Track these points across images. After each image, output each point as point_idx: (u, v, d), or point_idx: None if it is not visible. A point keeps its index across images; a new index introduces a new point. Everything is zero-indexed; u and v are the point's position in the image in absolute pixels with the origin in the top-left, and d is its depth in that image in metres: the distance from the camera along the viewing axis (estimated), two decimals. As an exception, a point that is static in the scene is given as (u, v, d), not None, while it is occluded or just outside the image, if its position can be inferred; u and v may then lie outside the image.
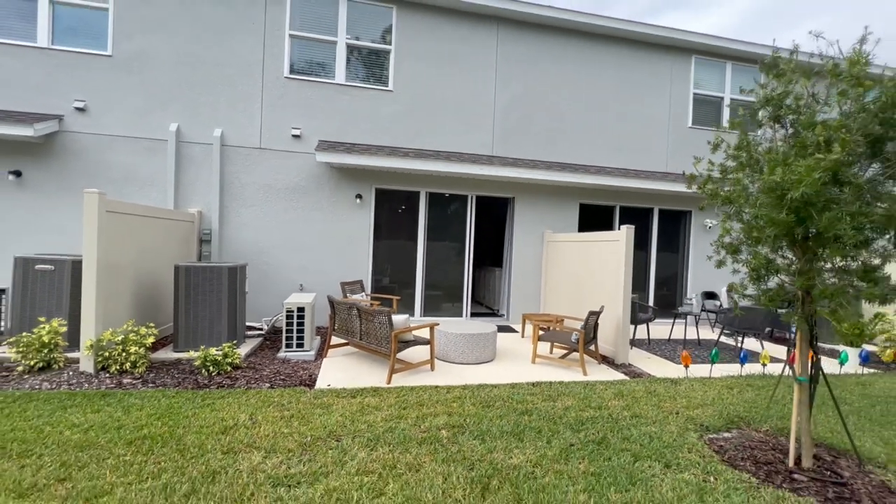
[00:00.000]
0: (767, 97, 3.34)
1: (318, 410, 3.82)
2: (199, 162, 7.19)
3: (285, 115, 7.49)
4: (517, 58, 8.45)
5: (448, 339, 5.63)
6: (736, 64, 9.38)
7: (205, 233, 7.19)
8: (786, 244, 3.30)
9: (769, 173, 3.05)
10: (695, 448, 3.44)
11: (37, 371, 4.47)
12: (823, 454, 3.47)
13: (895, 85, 2.88)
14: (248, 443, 3.18)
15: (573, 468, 3.03)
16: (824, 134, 2.88)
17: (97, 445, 3.04)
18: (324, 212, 7.64)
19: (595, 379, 5.17)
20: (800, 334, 3.42)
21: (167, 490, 2.55)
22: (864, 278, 3.15)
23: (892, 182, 3.14)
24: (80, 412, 3.56)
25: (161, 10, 7.02)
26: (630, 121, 9.04)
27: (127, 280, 5.27)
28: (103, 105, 6.87)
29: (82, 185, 6.66)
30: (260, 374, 4.80)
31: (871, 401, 4.72)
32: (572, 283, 7.34)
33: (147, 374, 4.59)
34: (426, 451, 3.18)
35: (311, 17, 7.60)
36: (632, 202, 8.95)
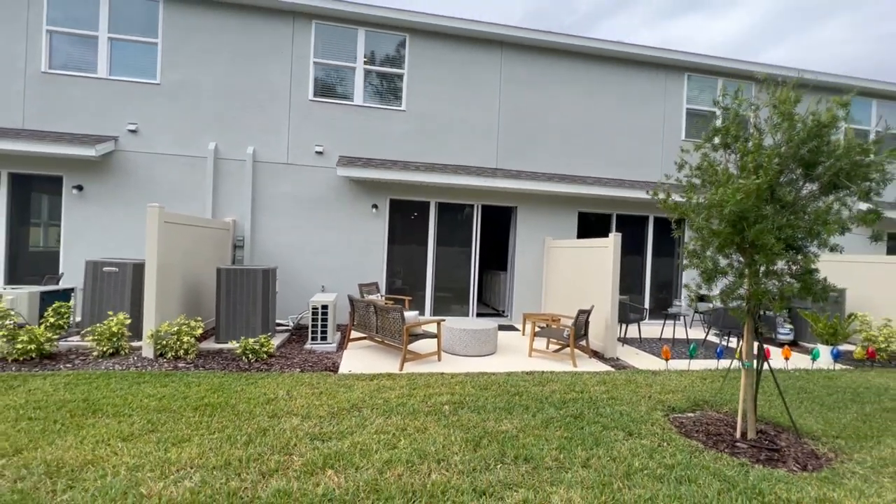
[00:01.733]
0: (716, 128, 4.01)
1: (342, 389, 4.58)
2: (233, 176, 8.09)
3: (309, 134, 8.36)
4: (519, 78, 9.19)
5: (453, 333, 6.36)
6: (727, 80, 9.96)
7: (238, 239, 8.07)
8: (735, 250, 3.95)
9: (713, 192, 3.72)
10: (657, 423, 4.09)
11: (108, 356, 5.34)
12: (770, 430, 4.08)
13: (814, 120, 3.53)
14: (287, 411, 3.95)
15: (551, 434, 3.72)
16: (755, 161, 3.55)
17: (170, 410, 3.85)
18: (343, 220, 8.46)
19: (583, 370, 5.83)
20: (747, 326, 4.04)
21: (231, 440, 3.33)
22: (799, 280, 3.78)
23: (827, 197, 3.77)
24: (152, 386, 4.38)
25: (202, 44, 7.97)
26: (626, 134, 9.69)
27: (177, 280, 6.13)
28: (152, 127, 7.82)
29: (134, 198, 7.61)
30: (291, 362, 5.60)
31: (830, 391, 5.27)
32: (570, 285, 8.00)
33: (197, 360, 5.42)
34: (431, 419, 3.91)
35: (332, 46, 8.47)
36: (628, 210, 9.57)
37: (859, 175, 3.43)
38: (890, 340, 7.04)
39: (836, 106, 3.49)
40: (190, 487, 2.67)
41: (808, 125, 3.51)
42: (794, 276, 3.81)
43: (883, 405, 4.83)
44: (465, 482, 2.87)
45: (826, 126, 3.46)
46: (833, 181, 3.51)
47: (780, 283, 3.73)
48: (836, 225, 3.39)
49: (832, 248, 3.57)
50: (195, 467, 2.92)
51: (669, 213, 4.24)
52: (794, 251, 3.76)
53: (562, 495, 2.78)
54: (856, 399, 4.99)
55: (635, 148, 9.73)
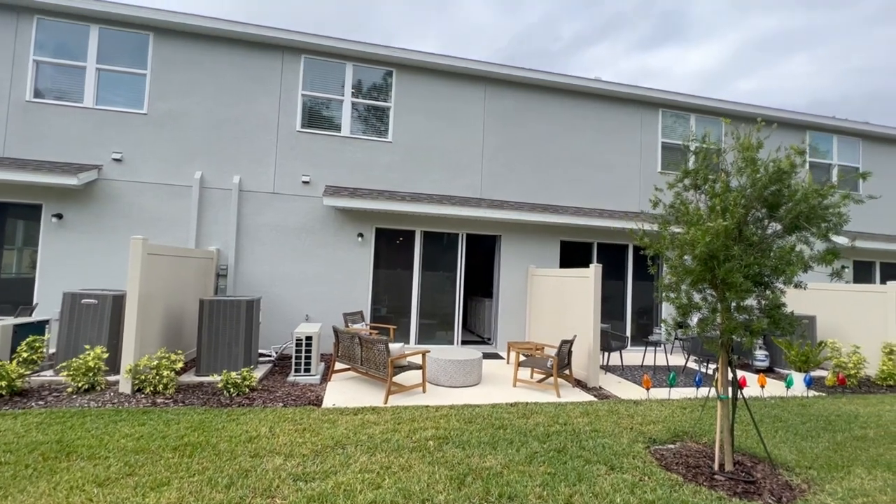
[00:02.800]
0: (686, 171, 4.25)
1: (325, 424, 4.54)
2: (218, 205, 8.09)
3: (296, 164, 8.46)
4: (503, 112, 9.53)
5: (438, 364, 6.37)
6: (699, 116, 10.50)
7: (221, 268, 8.01)
8: (707, 286, 4.13)
9: (686, 231, 3.92)
10: (639, 456, 4.16)
11: (83, 392, 5.18)
12: (746, 461, 4.19)
13: (775, 166, 3.79)
14: (270, 449, 3.90)
15: (534, 469, 3.75)
16: (722, 203, 3.77)
17: (149, 450, 3.76)
18: (328, 249, 8.50)
19: (567, 400, 5.89)
20: (721, 359, 4.19)
21: (211, 482, 3.27)
22: (767, 315, 3.97)
23: (791, 236, 4.00)
24: (129, 425, 4.28)
25: (192, 75, 8.09)
26: (605, 166, 10.07)
27: (158, 312, 6.04)
28: (137, 156, 7.83)
29: (117, 226, 7.54)
30: (273, 395, 5.52)
31: (804, 419, 5.44)
32: (553, 313, 8.13)
33: (176, 395, 5.31)
34: (416, 456, 3.90)
35: (321, 79, 8.69)
36: (608, 239, 9.85)
37: (818, 217, 3.67)
38: (859, 367, 7.31)
39: (794, 153, 3.76)
40: (169, 536, 2.61)
41: (769, 171, 3.76)
42: (763, 311, 4.00)
43: (853, 433, 5.00)
44: (449, 524, 2.88)
45: (786, 172, 3.71)
46: (794, 223, 3.75)
47: (750, 317, 3.91)
48: (799, 265, 3.60)
49: (796, 284, 3.77)
50: (174, 514, 2.86)
51: (646, 248, 4.43)
52: (762, 287, 3.96)
53: (545, 535, 2.81)
54: (828, 427, 5.16)
55: (614, 179, 10.10)
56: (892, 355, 7.55)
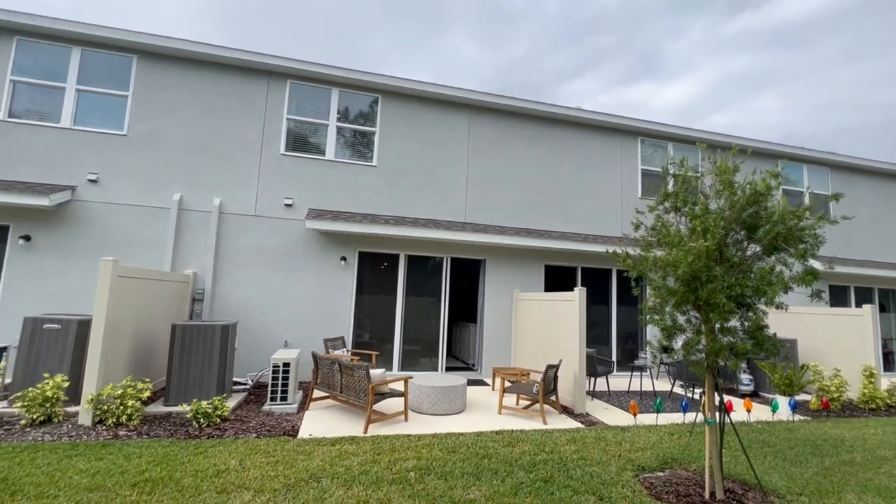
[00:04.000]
0: (667, 193, 4.31)
1: (300, 456, 4.29)
2: (197, 227, 7.90)
3: (279, 187, 8.37)
4: (487, 138, 9.69)
5: (421, 391, 6.16)
6: (677, 144, 10.85)
7: (198, 292, 7.74)
8: (691, 307, 4.11)
9: (668, 252, 3.93)
10: (628, 485, 4.01)
11: (38, 424, 4.82)
12: (737, 488, 4.08)
13: (751, 189, 3.86)
14: (238, 484, 3.64)
15: (520, 501, 3.57)
16: (702, 225, 3.80)
17: (104, 488, 3.47)
18: (310, 273, 8.32)
19: (553, 427, 5.72)
20: (707, 382, 4.13)
21: (171, 522, 3.01)
22: (751, 336, 3.95)
23: (770, 257, 4.03)
24: (85, 460, 3.96)
25: (175, 98, 8.05)
26: (587, 191, 10.24)
27: (126, 337, 5.74)
28: (115, 177, 7.64)
29: (88, 248, 7.27)
30: (247, 426, 5.22)
31: (791, 444, 5.37)
32: (538, 337, 8.02)
33: (141, 427, 4.97)
34: (396, 489, 3.68)
35: (306, 104, 8.74)
36: (592, 264, 9.90)
37: (795, 238, 3.72)
38: (841, 390, 7.34)
39: (769, 176, 3.85)
40: (118, 585, 2.35)
41: (746, 193, 3.83)
42: (747, 332, 3.99)
43: (840, 458, 4.95)
44: (429, 563, 2.67)
45: (762, 194, 3.78)
46: (773, 244, 3.79)
47: (734, 339, 3.89)
48: (780, 285, 3.62)
49: (778, 305, 3.78)
50: (126, 558, 2.59)
51: (629, 271, 4.42)
52: (744, 308, 3.96)
53: (532, 573, 2.63)
54: (815, 452, 5.09)
55: (596, 205, 10.26)
56: (871, 378, 7.62)
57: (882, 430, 6.19)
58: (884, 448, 5.36)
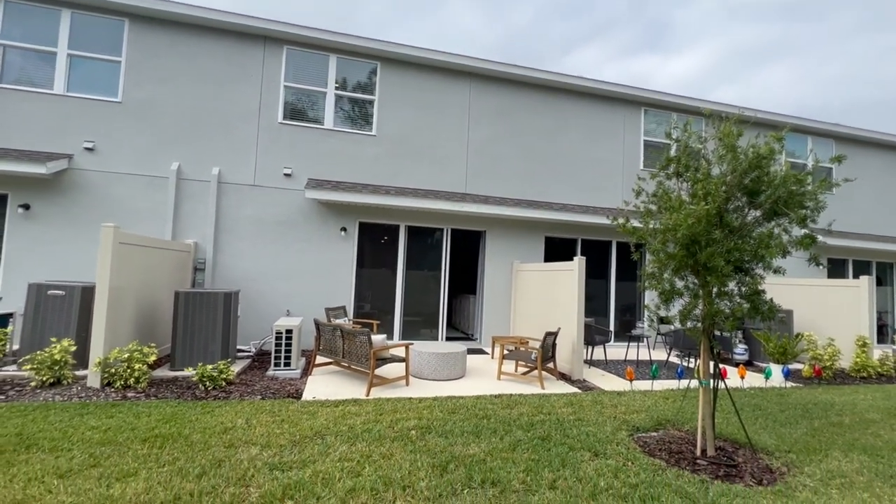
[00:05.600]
0: (669, 158, 4.27)
1: (304, 416, 4.41)
2: (196, 197, 7.86)
3: (278, 156, 8.29)
4: (488, 107, 9.53)
5: (422, 357, 6.28)
6: (681, 115, 10.67)
7: (199, 262, 7.78)
8: (689, 272, 4.14)
9: (668, 217, 3.94)
10: (622, 443, 4.14)
11: (48, 386, 4.94)
12: (728, 447, 4.21)
13: (754, 152, 3.83)
14: (245, 440, 3.76)
15: (518, 456, 3.69)
16: (704, 189, 3.79)
17: (116, 442, 3.58)
18: (311, 243, 8.33)
19: (551, 392, 5.86)
20: (703, 345, 4.21)
21: (182, 472, 3.12)
22: (748, 300, 4.00)
23: (769, 223, 4.04)
24: (96, 418, 4.08)
25: (169, 64, 7.86)
26: (589, 162, 10.14)
27: (130, 304, 5.81)
28: (111, 146, 7.56)
29: (87, 218, 7.26)
30: (252, 389, 5.35)
31: (782, 408, 5.52)
32: (538, 308, 8.11)
33: (149, 389, 5.10)
34: (398, 445, 3.81)
35: (303, 71, 8.54)
36: (592, 235, 9.91)
37: (795, 203, 3.71)
38: (834, 359, 7.48)
39: (773, 140, 3.81)
40: (134, 526, 2.47)
41: (749, 156, 3.80)
42: (744, 296, 4.03)
43: (830, 420, 5.09)
44: (430, 509, 2.80)
45: (765, 157, 3.76)
46: (773, 209, 3.79)
47: (731, 303, 3.94)
48: (778, 248, 3.64)
49: (775, 269, 3.82)
50: (141, 503, 2.71)
51: (629, 237, 4.43)
52: (742, 273, 3.99)
53: (529, 518, 2.75)
54: (805, 415, 5.24)
55: (598, 176, 10.18)
56: (864, 348, 7.75)
57: (872, 395, 6.34)
58: (872, 412, 5.51)
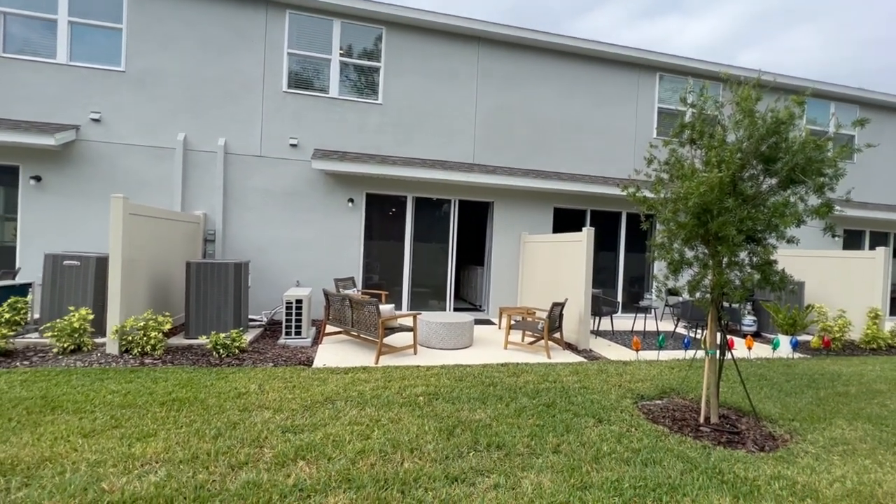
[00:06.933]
0: (683, 124, 4.14)
1: (315, 382, 4.54)
2: (203, 168, 7.86)
3: (283, 126, 8.19)
4: (496, 74, 9.24)
5: (430, 327, 6.37)
6: (697, 81, 10.25)
7: (209, 233, 7.85)
8: (700, 242, 4.08)
9: (679, 186, 3.84)
10: (627, 410, 4.21)
11: (69, 353, 5.12)
12: (731, 414, 4.26)
13: (773, 117, 3.68)
14: (259, 404, 3.89)
15: (523, 422, 3.78)
16: (718, 156, 3.68)
17: (136, 405, 3.73)
18: (318, 214, 8.34)
19: (557, 361, 5.94)
20: (710, 315, 4.19)
21: (199, 433, 3.26)
22: (759, 270, 3.95)
23: (784, 191, 3.93)
24: (116, 383, 4.24)
25: (171, 31, 7.70)
26: (600, 131, 9.88)
27: (144, 274, 5.93)
28: (117, 116, 7.52)
29: (97, 189, 7.32)
30: (264, 357, 5.50)
31: (788, 378, 5.54)
32: (545, 279, 8.12)
33: (165, 356, 5.26)
34: (406, 410, 3.91)
35: (307, 37, 8.32)
36: (602, 206, 9.77)
37: (814, 170, 3.59)
38: (844, 330, 7.44)
39: (793, 104, 3.65)
40: (155, 482, 2.60)
41: (767, 122, 3.66)
42: (755, 266, 3.98)
43: (836, 390, 5.11)
44: (437, 469, 2.89)
45: (784, 123, 3.61)
46: (790, 176, 3.67)
47: (741, 273, 3.89)
48: (792, 217, 3.55)
49: (789, 239, 3.74)
50: (161, 462, 2.84)
51: (639, 206, 4.35)
52: (754, 243, 3.92)
53: (532, 480, 2.84)
54: (811, 385, 5.25)
55: (609, 145, 9.94)
56: (876, 320, 7.68)
57: (881, 366, 6.32)
58: (879, 382, 5.51)
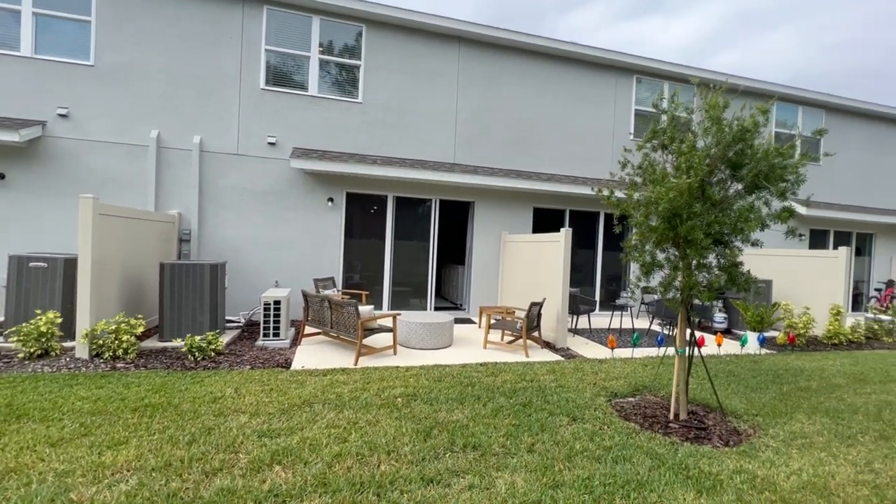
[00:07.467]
0: (654, 130, 4.25)
1: (293, 385, 4.52)
2: (178, 166, 7.68)
3: (261, 124, 8.07)
4: (477, 74, 9.28)
5: (409, 327, 6.39)
6: (673, 84, 10.51)
7: (184, 233, 7.69)
8: (670, 244, 4.21)
9: (651, 190, 3.96)
10: (600, 408, 4.33)
11: (36, 358, 4.96)
12: (700, 411, 4.42)
13: (738, 125, 3.82)
14: (235, 408, 3.86)
15: (500, 422, 3.85)
16: (686, 163, 3.80)
17: (107, 412, 3.66)
18: (298, 213, 8.26)
19: (534, 360, 6.04)
20: (680, 315, 4.33)
21: (172, 440, 3.22)
22: (725, 272, 4.10)
23: (750, 196, 4.08)
24: (86, 388, 4.14)
25: (143, 24, 7.48)
26: (579, 132, 10.03)
27: (115, 276, 5.78)
28: (86, 112, 7.28)
29: (65, 187, 7.08)
30: (241, 359, 5.44)
31: (754, 374, 5.77)
32: (525, 278, 8.23)
33: (138, 360, 5.15)
34: (384, 412, 3.94)
35: (285, 33, 8.19)
36: (580, 206, 9.94)
37: (776, 176, 3.75)
38: (808, 327, 7.77)
39: (758, 113, 3.80)
40: (125, 491, 2.56)
41: (733, 129, 3.80)
42: (722, 268, 4.13)
43: (798, 385, 5.34)
44: (413, 471, 2.93)
45: (749, 131, 3.76)
46: (755, 182, 3.82)
47: (709, 275, 4.04)
48: (757, 222, 3.70)
49: (753, 242, 3.90)
50: (132, 470, 2.80)
51: (612, 209, 4.46)
52: (721, 245, 4.07)
53: (506, 479, 2.90)
54: (775, 380, 5.49)
55: (587, 146, 10.10)
56: (838, 316, 8.04)
57: (840, 361, 6.63)
58: (839, 377, 5.78)
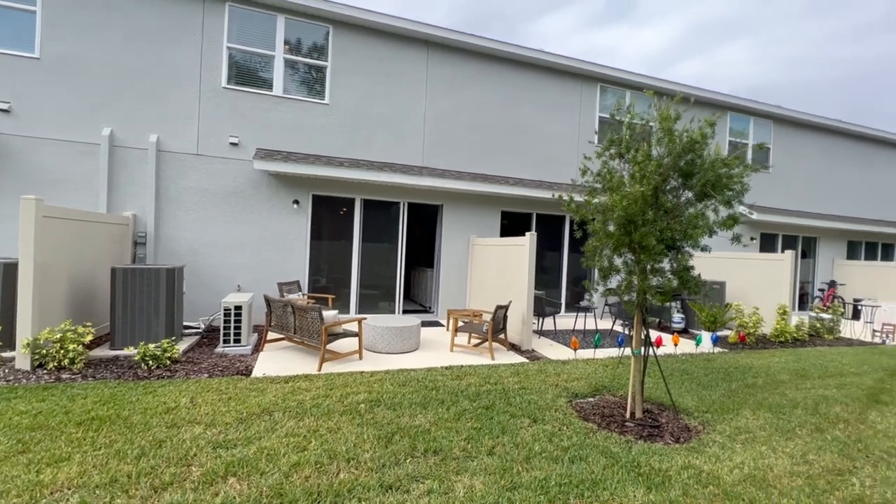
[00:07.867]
0: (611, 139, 4.41)
1: (253, 393, 4.41)
2: (133, 166, 7.35)
3: (222, 124, 7.83)
4: (446, 78, 9.34)
5: (376, 331, 6.35)
6: (635, 93, 10.91)
7: (139, 235, 7.37)
8: (626, 250, 4.37)
9: (607, 198, 4.10)
10: (561, 409, 4.43)
11: (-30, 370, 4.64)
12: (654, 409, 4.60)
13: (688, 136, 4.02)
14: (189, 419, 3.73)
15: (462, 425, 3.88)
16: (640, 172, 3.96)
17: (48, 427, 3.46)
18: (261, 216, 8.06)
19: (500, 362, 6.12)
20: (636, 318, 4.50)
21: (119, 454, 3.08)
22: (677, 276, 4.29)
23: (700, 203, 4.28)
24: (25, 402, 3.90)
25: (94, 16, 7.13)
26: (545, 137, 10.25)
27: (62, 281, 5.47)
28: (31, 107, 6.87)
29: (7, 187, 6.65)
30: (198, 367, 5.25)
31: (707, 372, 6.05)
32: (492, 281, 8.33)
33: (86, 370, 4.89)
34: (346, 419, 3.90)
35: (249, 32, 7.99)
36: (546, 210, 10.15)
37: (722, 185, 3.96)
38: (757, 326, 8.21)
39: (706, 125, 4.00)
40: (65, 511, 2.44)
41: (683, 141, 3.99)
42: (674, 272, 4.33)
43: (746, 382, 5.65)
44: (373, 479, 2.92)
45: (698, 142, 3.95)
46: (703, 190, 4.03)
47: (662, 278, 4.22)
48: (704, 229, 3.90)
49: (702, 248, 4.10)
50: (74, 488, 2.67)
51: (573, 215, 4.59)
52: (674, 251, 4.26)
53: (465, 483, 2.94)
54: (725, 378, 5.78)
55: (554, 151, 10.33)
56: (784, 315, 8.55)
57: (785, 358, 7.05)
58: (783, 374, 6.15)
